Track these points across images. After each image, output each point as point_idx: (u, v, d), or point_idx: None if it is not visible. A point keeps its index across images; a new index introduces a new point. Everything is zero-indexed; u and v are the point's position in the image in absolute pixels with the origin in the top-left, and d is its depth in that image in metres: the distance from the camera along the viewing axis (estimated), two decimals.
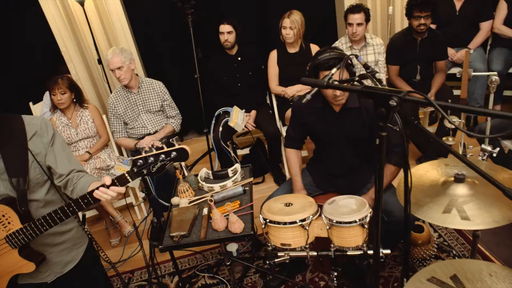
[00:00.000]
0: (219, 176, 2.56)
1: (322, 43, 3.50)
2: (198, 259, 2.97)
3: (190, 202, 2.37)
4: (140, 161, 1.49)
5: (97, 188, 1.53)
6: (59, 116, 3.31)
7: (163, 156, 1.49)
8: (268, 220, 1.87)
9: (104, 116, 3.49)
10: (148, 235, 3.21)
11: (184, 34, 3.53)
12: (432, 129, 3.48)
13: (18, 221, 1.60)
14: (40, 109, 3.81)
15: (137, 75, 3.37)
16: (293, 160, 2.46)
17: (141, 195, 3.44)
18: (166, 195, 2.67)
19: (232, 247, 2.74)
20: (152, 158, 1.49)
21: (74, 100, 3.28)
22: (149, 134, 3.42)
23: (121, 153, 3.67)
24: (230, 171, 2.55)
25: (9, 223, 1.60)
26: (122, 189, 1.53)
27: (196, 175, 2.57)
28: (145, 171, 1.50)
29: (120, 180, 1.52)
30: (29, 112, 3.85)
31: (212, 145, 3.31)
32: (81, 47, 3.74)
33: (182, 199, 2.39)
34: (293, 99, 3.41)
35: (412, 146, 3.55)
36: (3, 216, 1.59)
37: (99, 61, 3.70)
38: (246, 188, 2.37)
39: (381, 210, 1.30)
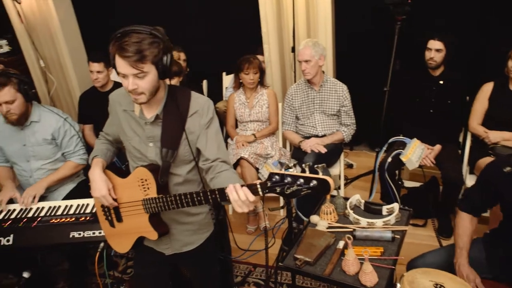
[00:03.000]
0: (371, 210, 2.22)
1: None
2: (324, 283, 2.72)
3: (328, 228, 2.12)
4: (277, 176, 1.30)
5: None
6: (239, 94, 3.40)
7: (301, 180, 1.27)
8: None
9: (280, 105, 3.45)
10: (283, 235, 3.11)
11: (386, 40, 3.19)
12: None
13: (155, 190, 1.62)
14: (229, 80, 4.01)
15: (323, 72, 3.20)
16: (464, 228, 1.95)
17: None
18: (309, 205, 2.46)
19: None
20: (289, 179, 1.28)
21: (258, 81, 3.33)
22: (317, 136, 3.24)
23: (284, 146, 3.61)
24: (385, 208, 2.19)
25: (148, 188, 1.63)
26: (252, 197, 1.37)
27: (346, 199, 2.28)
28: (278, 189, 1.31)
29: (250, 188, 1.37)
30: (220, 80, 4.10)
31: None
32: (281, 31, 3.74)
33: (322, 221, 2.15)
34: (495, 148, 2.77)
35: None
36: (146, 180, 1.63)
37: (293, 49, 3.64)
38: (396, 236, 1.99)
39: None
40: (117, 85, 3.34)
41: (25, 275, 2.40)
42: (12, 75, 2.43)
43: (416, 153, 2.79)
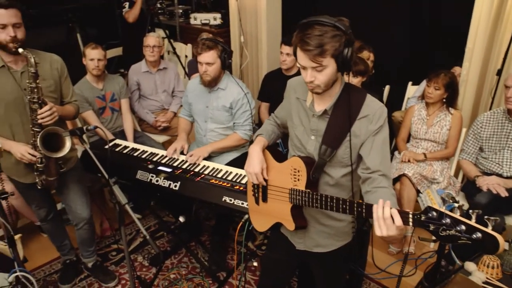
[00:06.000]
0: None
1: None
2: None
3: (485, 283, 1.82)
4: (434, 213, 1.15)
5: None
6: (420, 108, 3.15)
7: (462, 227, 1.10)
8: None
9: (463, 130, 3.08)
10: (427, 269, 2.83)
11: None
12: None
13: (304, 183, 1.61)
14: (413, 91, 3.74)
15: None
16: None
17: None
18: (467, 248, 2.14)
19: None
20: (448, 220, 1.12)
21: (444, 100, 3.02)
22: (500, 175, 2.79)
23: (456, 175, 3.21)
24: None
25: (298, 179, 1.64)
26: (402, 225, 1.25)
27: None
28: (431, 227, 1.16)
29: (402, 215, 1.25)
30: (403, 90, 3.86)
31: None
32: (489, 50, 3.27)
33: (479, 273, 1.86)
34: None
35: None
36: (298, 171, 1.63)
37: (498, 72, 3.16)
38: None
39: None
40: None
41: (181, 219, 2.74)
42: (218, 42, 2.74)
43: None
